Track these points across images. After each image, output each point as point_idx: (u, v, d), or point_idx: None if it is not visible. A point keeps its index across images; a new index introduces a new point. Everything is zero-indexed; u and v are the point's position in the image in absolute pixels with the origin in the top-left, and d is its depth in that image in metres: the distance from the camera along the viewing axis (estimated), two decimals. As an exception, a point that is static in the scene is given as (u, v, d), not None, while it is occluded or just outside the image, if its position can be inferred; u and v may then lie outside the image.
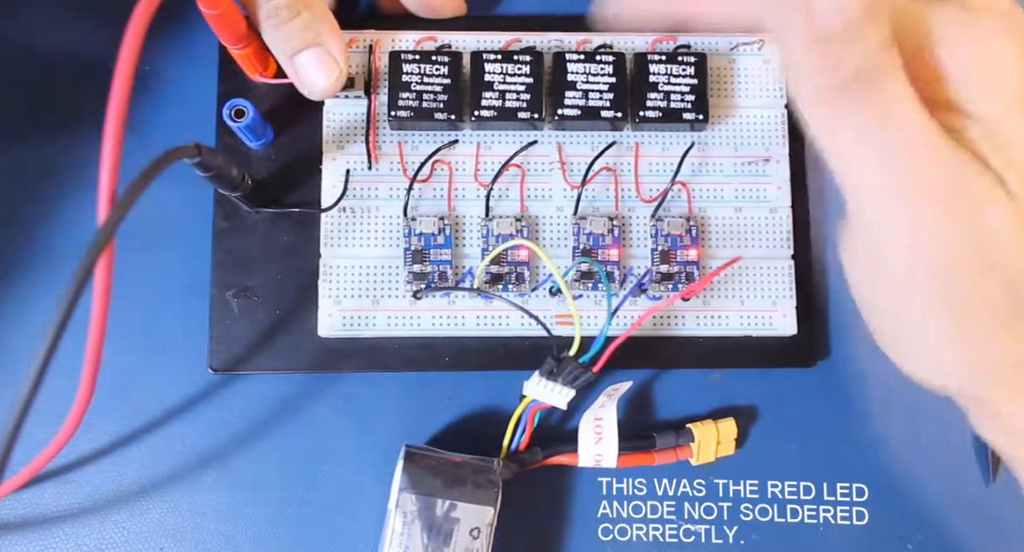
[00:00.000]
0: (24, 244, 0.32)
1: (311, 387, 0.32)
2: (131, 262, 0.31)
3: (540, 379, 0.29)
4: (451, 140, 0.31)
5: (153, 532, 0.31)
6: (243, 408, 0.31)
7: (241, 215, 0.31)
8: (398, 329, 0.30)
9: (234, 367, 0.31)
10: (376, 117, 0.31)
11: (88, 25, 0.33)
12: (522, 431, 0.30)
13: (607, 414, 0.30)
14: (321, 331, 0.30)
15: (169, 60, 0.33)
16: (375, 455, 0.31)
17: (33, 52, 0.33)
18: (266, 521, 0.31)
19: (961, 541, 0.31)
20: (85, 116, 0.33)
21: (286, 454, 0.31)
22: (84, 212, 0.32)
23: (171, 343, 0.31)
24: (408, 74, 0.30)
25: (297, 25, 0.28)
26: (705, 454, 0.31)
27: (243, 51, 0.29)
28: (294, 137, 0.32)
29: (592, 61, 0.31)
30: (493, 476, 0.29)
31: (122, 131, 0.19)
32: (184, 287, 0.32)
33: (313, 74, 0.29)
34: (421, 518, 0.28)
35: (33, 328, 0.31)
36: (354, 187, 0.31)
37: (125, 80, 0.19)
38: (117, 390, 0.31)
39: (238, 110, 0.29)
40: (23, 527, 0.30)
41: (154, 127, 0.33)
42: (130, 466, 0.31)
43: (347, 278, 0.31)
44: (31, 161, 0.32)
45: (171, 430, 0.31)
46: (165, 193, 0.31)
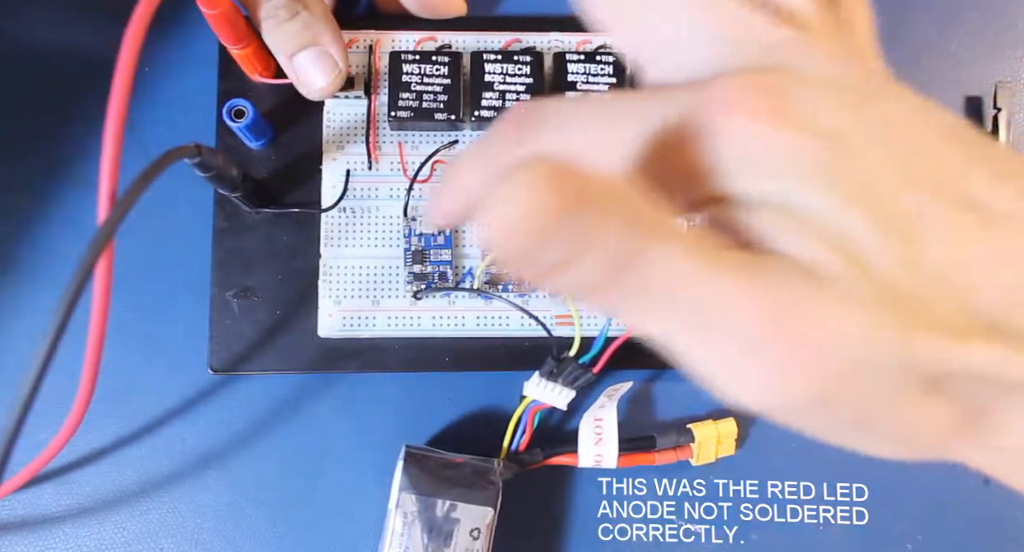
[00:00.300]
0: (24, 244, 0.32)
1: (311, 387, 0.32)
2: (131, 263, 0.31)
3: (540, 380, 0.29)
4: (451, 140, 0.31)
5: (153, 532, 0.31)
6: (243, 408, 0.31)
7: (241, 215, 0.31)
8: (398, 329, 0.30)
9: (234, 367, 0.31)
10: (376, 117, 0.31)
11: (88, 25, 0.33)
12: (522, 431, 0.30)
13: (607, 414, 0.30)
14: (321, 331, 0.30)
15: (169, 60, 0.33)
16: (375, 455, 0.31)
17: (33, 52, 0.33)
18: (266, 521, 0.31)
19: (961, 541, 0.31)
20: (85, 116, 0.33)
21: (286, 454, 0.31)
22: (84, 212, 0.32)
23: (171, 343, 0.31)
24: (408, 74, 0.30)
25: (296, 25, 0.28)
26: (705, 454, 0.31)
27: (243, 51, 0.29)
28: (294, 137, 0.32)
29: (592, 61, 0.31)
30: (493, 476, 0.29)
31: (122, 131, 0.19)
32: (184, 287, 0.32)
33: (312, 74, 0.29)
34: (421, 518, 0.28)
35: (33, 328, 0.31)
36: (354, 187, 0.31)
37: (125, 80, 0.19)
38: (117, 390, 0.31)
39: (238, 110, 0.29)
40: (23, 527, 0.30)
41: (154, 127, 0.33)
42: (130, 466, 0.31)
43: (347, 278, 0.31)
44: (31, 161, 0.32)
45: (171, 430, 0.31)
46: (165, 193, 0.31)
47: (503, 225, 0.12)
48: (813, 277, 0.13)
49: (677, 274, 0.13)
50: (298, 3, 0.28)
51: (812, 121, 0.14)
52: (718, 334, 0.14)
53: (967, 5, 0.35)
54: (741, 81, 0.14)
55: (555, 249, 0.12)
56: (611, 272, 0.13)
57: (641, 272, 0.13)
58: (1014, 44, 0.34)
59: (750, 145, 0.14)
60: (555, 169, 0.12)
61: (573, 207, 0.12)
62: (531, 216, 0.12)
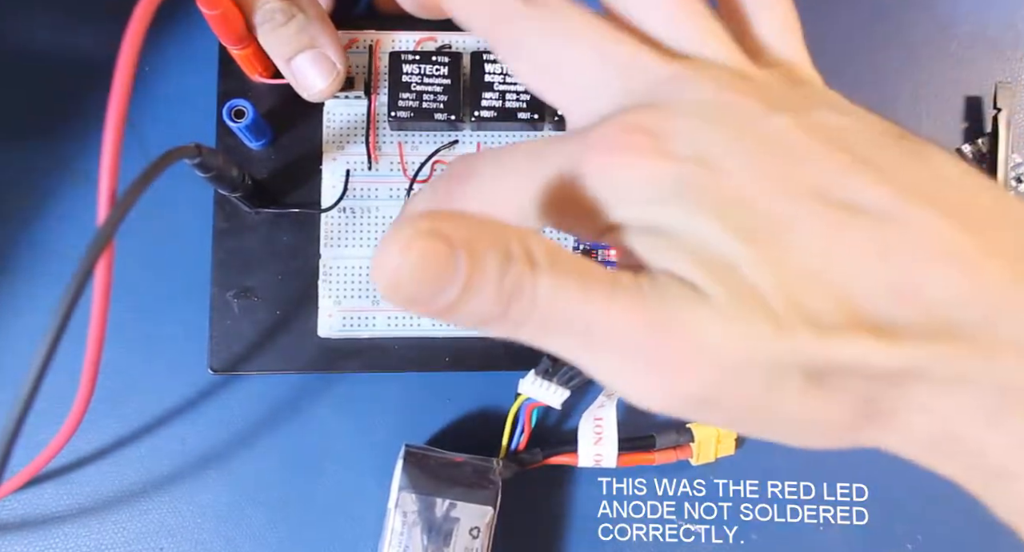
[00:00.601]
0: (24, 244, 0.32)
1: (311, 387, 0.32)
2: (131, 262, 0.31)
3: (535, 378, 0.29)
4: (451, 140, 0.31)
5: (153, 532, 0.31)
6: (243, 408, 0.31)
7: (241, 215, 0.31)
8: (398, 329, 0.31)
9: (234, 367, 0.31)
10: (376, 117, 0.31)
11: (88, 25, 0.33)
12: (521, 431, 0.30)
13: (607, 414, 0.30)
14: (321, 331, 0.30)
15: (169, 60, 0.33)
16: (375, 455, 0.31)
17: (33, 52, 0.33)
18: (266, 521, 0.31)
19: (961, 541, 0.31)
20: (85, 116, 0.33)
21: (286, 454, 0.31)
22: (84, 211, 0.32)
23: (171, 343, 0.31)
24: (408, 74, 0.30)
25: (292, 29, 0.28)
26: (705, 454, 0.31)
27: (243, 51, 0.29)
28: (294, 137, 0.32)
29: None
30: (493, 476, 0.29)
31: (122, 131, 0.19)
32: (184, 287, 0.32)
33: (310, 77, 0.29)
34: (421, 518, 0.28)
35: (33, 328, 0.31)
36: (354, 187, 0.31)
37: (125, 80, 0.19)
38: (117, 390, 0.31)
39: (238, 110, 0.29)
40: (23, 527, 0.30)
41: (154, 127, 0.33)
42: (130, 466, 0.31)
43: (347, 278, 0.31)
44: (31, 161, 0.32)
45: (171, 430, 0.31)
46: (165, 193, 0.31)
47: (382, 280, 0.13)
48: (685, 291, 0.15)
49: (560, 299, 0.14)
50: (294, 6, 0.28)
51: (677, 148, 0.15)
52: (605, 349, 0.15)
53: (967, 5, 0.35)
54: (613, 122, 0.16)
55: (438, 294, 0.14)
56: (499, 305, 0.14)
57: (528, 301, 0.14)
58: (1014, 44, 0.34)
59: (619, 179, 0.15)
60: (425, 225, 0.14)
61: (444, 257, 0.13)
62: (403, 270, 0.13)
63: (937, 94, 0.34)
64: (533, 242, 0.14)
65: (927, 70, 0.34)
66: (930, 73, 0.34)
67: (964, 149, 0.34)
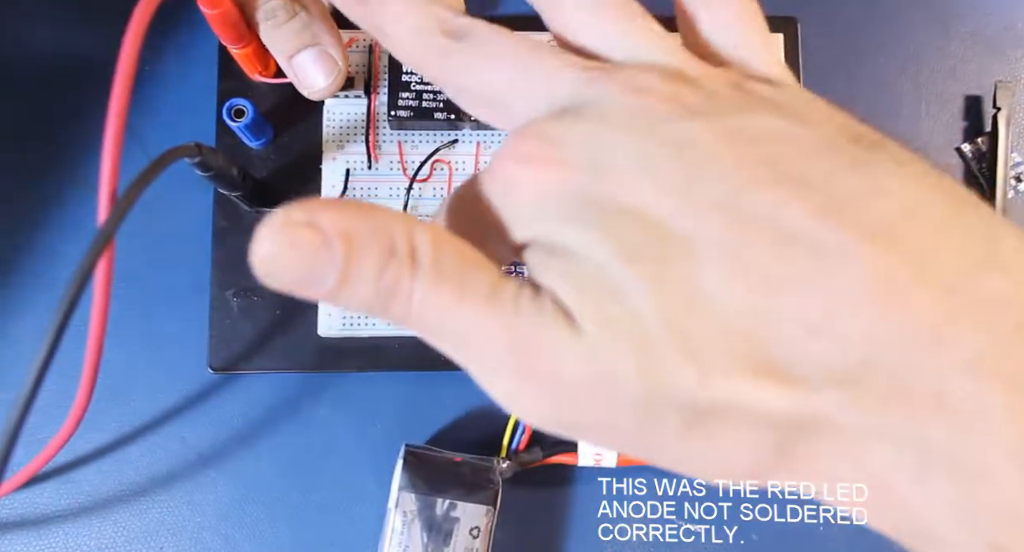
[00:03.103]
0: (25, 244, 0.32)
1: (311, 387, 0.32)
2: (131, 262, 0.31)
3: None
4: (451, 140, 0.31)
5: (153, 531, 0.31)
6: (243, 407, 0.31)
7: (241, 215, 0.31)
8: (398, 329, 0.30)
9: (234, 367, 0.31)
10: (376, 117, 0.31)
11: (88, 25, 0.33)
12: (522, 430, 0.30)
13: (607, 414, 0.30)
14: (321, 331, 0.30)
15: (169, 60, 0.33)
16: (375, 455, 0.31)
17: (33, 52, 0.33)
18: (266, 521, 0.31)
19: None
20: (85, 116, 0.33)
21: (286, 453, 0.31)
22: (84, 211, 0.32)
23: (171, 342, 0.31)
24: (408, 74, 0.30)
25: (294, 26, 0.28)
26: (705, 454, 0.31)
27: (243, 51, 0.29)
28: (294, 137, 0.32)
29: (592, 61, 0.31)
30: (493, 476, 0.29)
31: (122, 131, 0.19)
32: (184, 287, 0.32)
33: (312, 74, 0.29)
34: (421, 517, 0.28)
35: (33, 328, 0.31)
36: (354, 187, 0.31)
37: (125, 80, 0.19)
38: (117, 390, 0.31)
39: (238, 110, 0.29)
40: (23, 527, 0.30)
41: (154, 127, 0.33)
42: (130, 466, 0.31)
43: (347, 278, 0.31)
44: (32, 161, 0.32)
45: (171, 429, 0.31)
46: (165, 193, 0.31)
47: (254, 266, 0.13)
48: (557, 315, 0.13)
49: (433, 305, 0.14)
50: (296, 4, 0.28)
51: (569, 156, 0.14)
52: (477, 360, 0.14)
53: (967, 5, 0.35)
54: (513, 133, 0.15)
55: (314, 282, 0.13)
56: (377, 301, 0.14)
57: (404, 301, 0.14)
58: (1014, 44, 0.34)
59: (515, 193, 0.15)
60: (299, 215, 0.13)
61: (315, 246, 0.13)
62: (271, 257, 0.13)
63: (937, 94, 0.34)
64: (421, 239, 0.14)
65: (927, 70, 0.34)
66: (930, 73, 0.34)
67: (964, 148, 0.34)
